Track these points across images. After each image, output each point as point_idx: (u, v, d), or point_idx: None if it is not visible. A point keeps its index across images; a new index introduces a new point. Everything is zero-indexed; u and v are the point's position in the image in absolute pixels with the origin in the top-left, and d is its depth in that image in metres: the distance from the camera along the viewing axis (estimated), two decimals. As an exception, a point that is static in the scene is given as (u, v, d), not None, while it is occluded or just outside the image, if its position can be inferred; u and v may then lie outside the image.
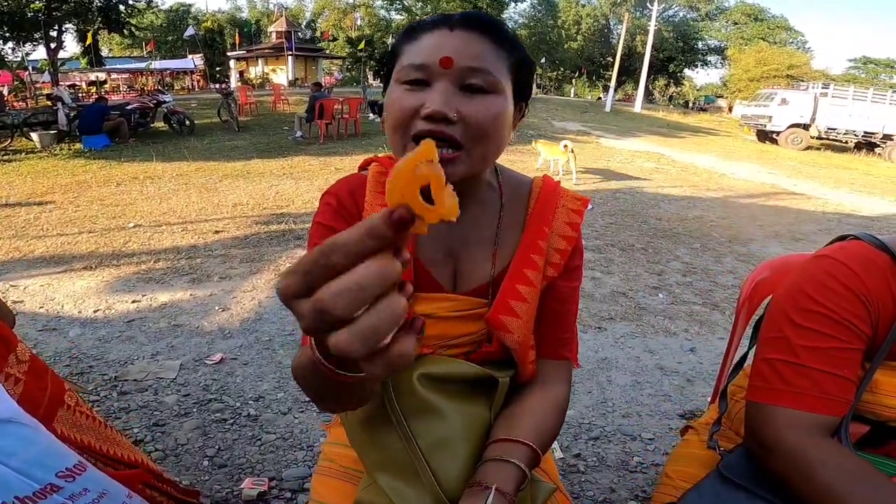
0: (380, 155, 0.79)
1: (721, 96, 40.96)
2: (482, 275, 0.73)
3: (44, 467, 0.82)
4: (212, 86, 23.02)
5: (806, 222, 5.43)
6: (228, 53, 33.95)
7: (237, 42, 33.00)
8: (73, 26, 17.88)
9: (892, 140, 14.92)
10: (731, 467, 0.76)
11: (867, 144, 15.68)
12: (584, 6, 38.05)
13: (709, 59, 39.30)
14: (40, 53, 19.17)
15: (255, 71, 31.25)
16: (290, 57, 28.77)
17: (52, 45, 16.35)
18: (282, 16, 33.58)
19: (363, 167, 0.78)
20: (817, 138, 16.01)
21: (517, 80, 0.65)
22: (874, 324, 0.68)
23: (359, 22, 34.31)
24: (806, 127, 15.59)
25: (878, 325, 0.68)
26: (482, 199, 0.74)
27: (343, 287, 0.28)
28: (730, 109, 32.68)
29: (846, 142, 16.05)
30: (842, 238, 0.77)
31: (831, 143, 16.49)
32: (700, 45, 38.48)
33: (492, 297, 0.72)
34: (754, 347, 0.93)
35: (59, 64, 17.28)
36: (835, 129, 15.69)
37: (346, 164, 7.34)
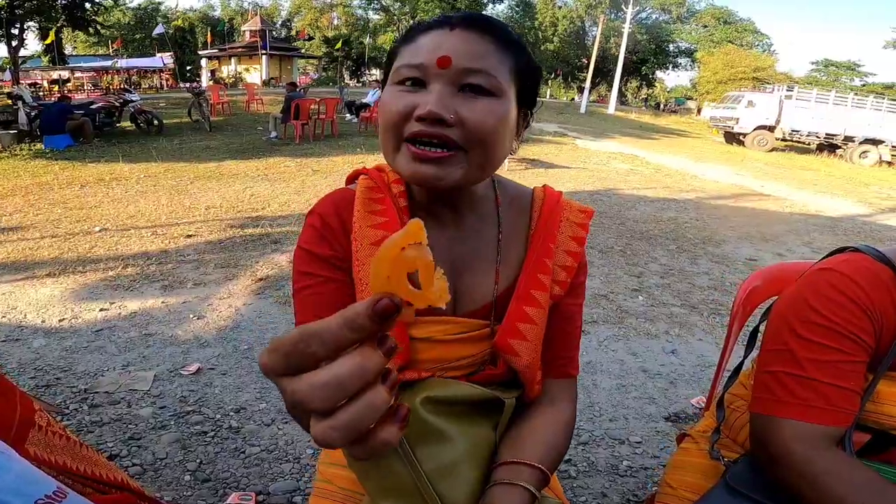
0: (358, 164, 0.75)
1: (691, 98, 42.03)
2: (484, 295, 0.69)
3: (21, 495, 0.75)
4: (182, 85, 22.47)
5: (774, 223, 5.59)
6: (200, 52, 33.20)
7: (209, 41, 32.27)
8: (35, 24, 17.21)
9: (852, 142, 15.53)
10: (738, 478, 0.76)
11: (829, 146, 16.27)
12: (560, 8, 38.51)
13: (679, 61, 40.27)
14: (0, 51, 18.41)
15: (227, 70, 30.61)
16: (264, 56, 28.29)
17: (14, 43, 15.70)
18: (256, 14, 33.00)
19: (351, 179, 0.73)
20: (782, 140, 16.53)
21: (521, 85, 0.62)
22: (878, 336, 0.69)
23: (336, 21, 34.01)
24: (771, 129, 16.07)
25: (881, 337, 0.69)
26: (481, 212, 0.70)
27: (320, 382, 0.27)
28: (699, 111, 33.58)
29: (809, 143, 16.56)
30: (841, 250, 0.77)
31: (794, 145, 17.06)
32: (671, 47, 39.39)
33: (494, 318, 0.69)
34: (750, 356, 0.94)
35: (20, 62, 16.59)
36: (798, 131, 16.20)
37: (323, 166, 7.23)
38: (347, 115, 12.87)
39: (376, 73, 34.53)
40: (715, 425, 0.92)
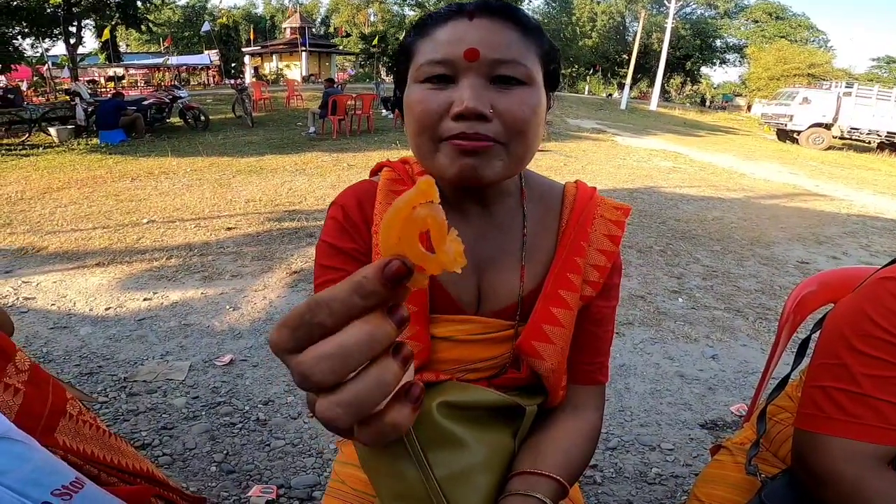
0: (392, 158, 0.72)
1: (739, 95, 40.33)
2: (509, 294, 0.66)
3: (39, 486, 0.77)
4: (227, 81, 23.23)
5: (829, 224, 5.27)
6: (243, 49, 34.25)
7: (252, 38, 33.27)
8: (91, 22, 18.13)
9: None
10: (774, 495, 0.71)
11: (890, 145, 15.33)
12: (599, 3, 37.63)
13: (727, 57, 38.74)
14: (60, 49, 19.50)
15: (269, 67, 31.44)
16: (303, 53, 28.89)
17: (72, 41, 16.59)
18: (296, 12, 33.74)
19: (375, 172, 0.72)
20: (839, 138, 15.70)
21: (546, 69, 0.59)
22: None
23: (372, 18, 34.33)
24: (828, 126, 15.30)
25: None
26: (508, 207, 0.67)
27: (325, 353, 0.25)
28: (748, 108, 32.18)
29: (869, 142, 15.71)
30: None
31: (853, 143, 16.14)
32: (718, 43, 37.92)
33: (520, 318, 0.66)
34: (800, 367, 0.87)
35: (77, 59, 17.53)
36: (858, 129, 15.36)
37: (358, 161, 7.30)
38: (383, 110, 12.98)
39: (413, 70, 34.48)
40: (754, 438, 0.86)
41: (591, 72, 38.98)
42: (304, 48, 28.60)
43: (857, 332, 0.65)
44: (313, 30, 33.02)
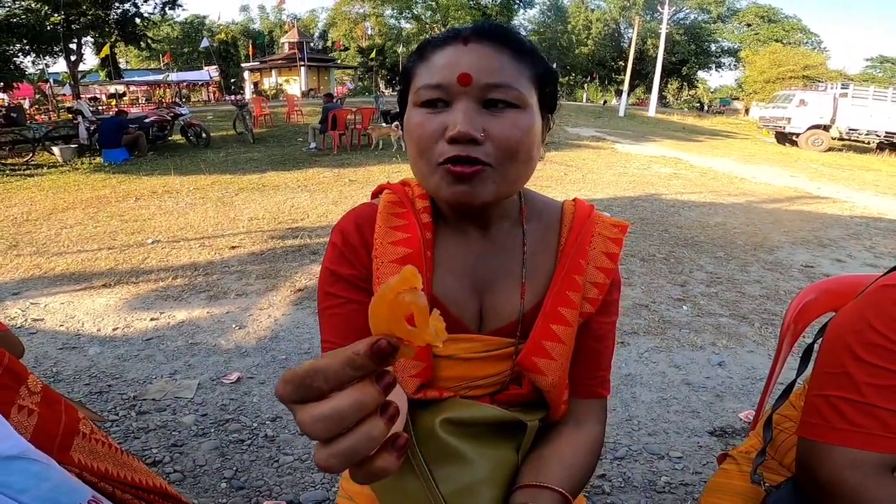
0: (392, 173, 0.74)
1: (737, 98, 40.49)
2: (510, 311, 0.67)
3: None
4: (227, 97, 23.42)
5: (832, 227, 5.28)
6: (243, 65, 34.57)
7: (251, 53, 33.57)
8: (91, 39, 18.33)
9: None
10: None
11: (890, 145, 15.34)
12: (593, 11, 37.92)
13: (722, 61, 38.88)
14: (60, 66, 19.71)
15: (268, 82, 31.69)
16: (302, 67, 29.10)
17: (72, 58, 16.77)
18: (294, 26, 34.06)
19: (376, 194, 0.73)
20: (838, 139, 15.72)
21: (541, 91, 0.61)
22: None
23: (369, 31, 34.66)
24: (826, 128, 15.32)
25: None
26: (507, 227, 0.68)
27: (321, 415, 0.30)
28: (746, 112, 32.27)
29: (868, 142, 15.72)
30: None
31: (852, 144, 16.16)
32: (713, 47, 38.07)
33: (520, 335, 0.67)
34: (804, 374, 0.88)
35: (79, 76, 17.71)
36: (856, 130, 15.38)
37: (359, 176, 7.35)
38: (383, 124, 13.08)
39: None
40: (760, 446, 0.86)
41: (588, 79, 39.20)
42: (302, 63, 28.84)
43: (860, 341, 0.65)
44: (311, 44, 33.36)
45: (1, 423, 0.73)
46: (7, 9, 14.95)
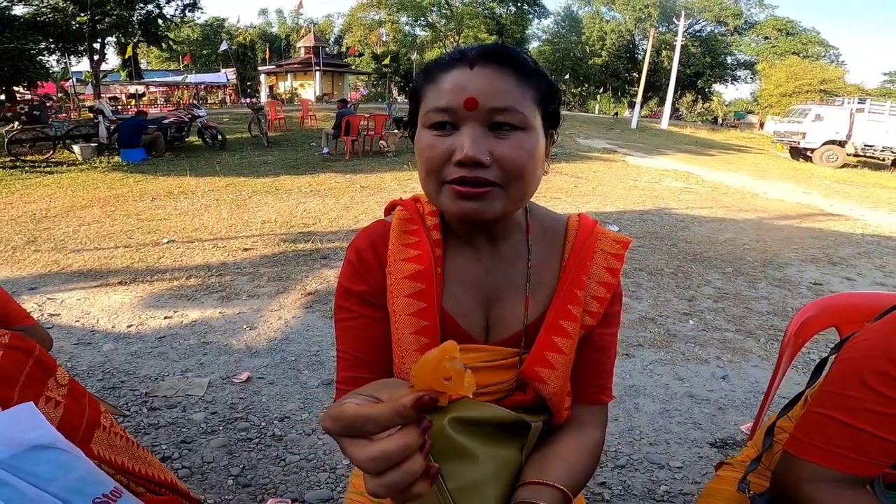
0: (414, 183, 0.78)
1: (751, 112, 40.16)
2: (515, 323, 0.71)
3: (82, 494, 0.83)
4: (243, 100, 23.70)
5: (844, 245, 5.24)
6: (259, 68, 34.99)
7: (268, 56, 33.94)
8: (114, 39, 18.67)
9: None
10: None
11: (906, 162, 15.11)
12: (608, 22, 37.95)
13: (738, 74, 38.66)
14: (83, 65, 20.08)
15: (283, 86, 32.03)
16: (317, 72, 29.37)
17: (95, 58, 17.09)
18: (310, 31, 34.42)
19: (388, 210, 0.77)
20: (854, 155, 15.48)
21: (545, 111, 0.64)
22: None
23: (384, 38, 34.97)
24: (842, 144, 15.09)
25: None
26: (514, 242, 0.72)
27: (373, 455, 0.39)
28: (761, 126, 31.99)
29: (883, 159, 15.44)
30: None
31: (867, 161, 15.95)
32: (729, 60, 37.88)
33: (525, 345, 0.71)
34: (812, 388, 0.89)
35: (101, 76, 18.04)
36: (872, 146, 15.13)
37: (371, 182, 7.42)
38: (396, 130, 13.17)
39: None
40: (756, 455, 0.88)
41: (601, 91, 39.18)
42: (317, 67, 29.11)
43: (873, 369, 0.66)
44: (327, 49, 33.69)
45: (33, 412, 0.77)
46: (35, 7, 15.29)
